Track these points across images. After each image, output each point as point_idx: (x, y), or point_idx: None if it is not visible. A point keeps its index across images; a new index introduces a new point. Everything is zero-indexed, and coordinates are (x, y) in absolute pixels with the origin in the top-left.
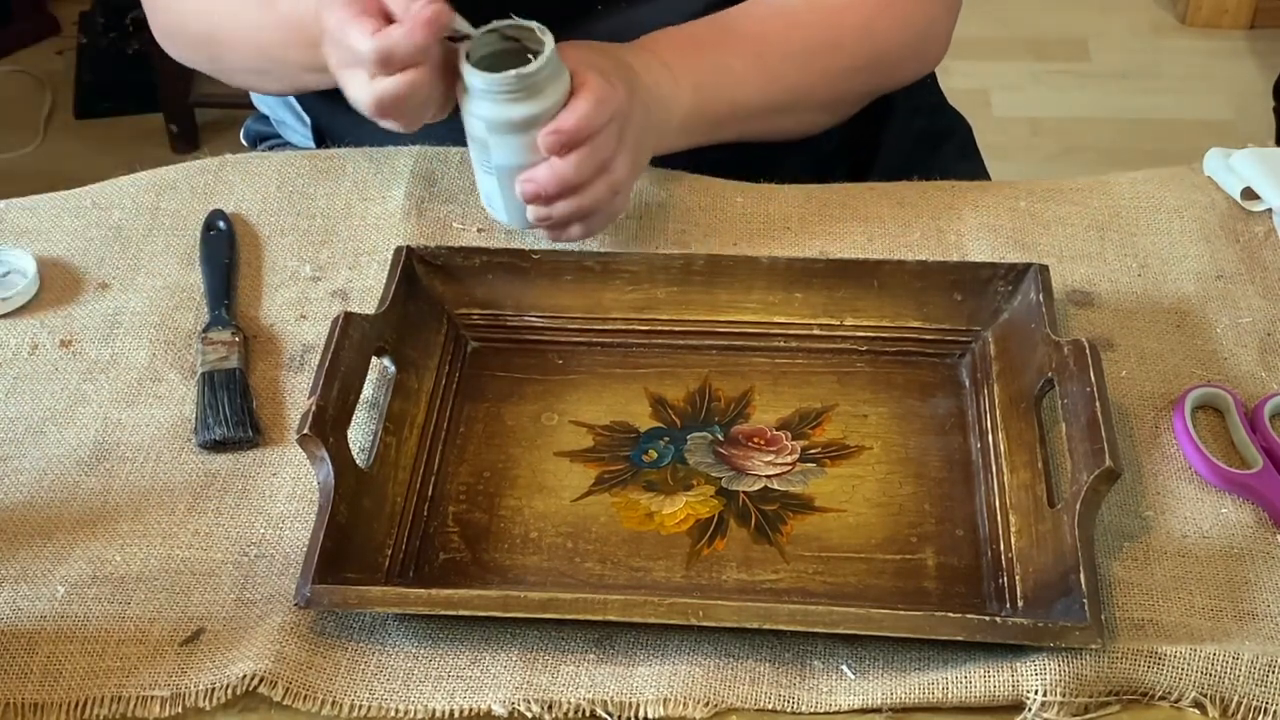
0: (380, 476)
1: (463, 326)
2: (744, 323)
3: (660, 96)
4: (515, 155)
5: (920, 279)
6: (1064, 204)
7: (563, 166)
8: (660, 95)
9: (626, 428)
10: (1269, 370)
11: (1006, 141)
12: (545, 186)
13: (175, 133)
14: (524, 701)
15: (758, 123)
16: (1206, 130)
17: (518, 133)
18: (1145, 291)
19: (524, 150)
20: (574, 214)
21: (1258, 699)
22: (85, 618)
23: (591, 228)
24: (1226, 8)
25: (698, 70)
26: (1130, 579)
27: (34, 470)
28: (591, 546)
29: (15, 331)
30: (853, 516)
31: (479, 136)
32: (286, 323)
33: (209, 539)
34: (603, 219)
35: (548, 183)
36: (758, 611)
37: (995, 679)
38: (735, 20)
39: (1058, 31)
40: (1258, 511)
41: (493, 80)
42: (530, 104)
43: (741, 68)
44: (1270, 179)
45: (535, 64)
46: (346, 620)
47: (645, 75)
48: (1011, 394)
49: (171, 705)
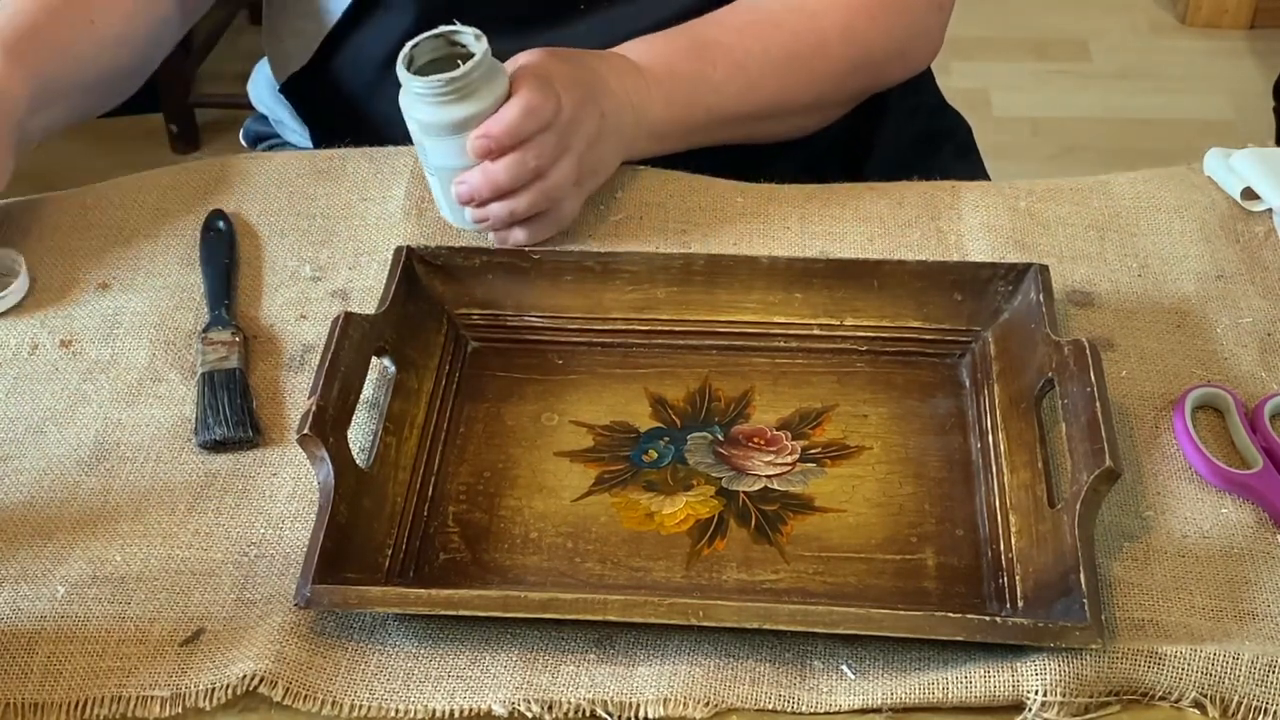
0: (380, 476)
1: (463, 326)
2: (744, 323)
3: (630, 104)
4: (450, 157)
5: (920, 279)
6: (1064, 204)
7: (494, 170)
8: (630, 102)
9: (626, 428)
10: (1269, 370)
11: (1006, 141)
12: (477, 190)
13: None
14: (524, 701)
15: (740, 128)
16: (1206, 130)
17: (451, 135)
18: (1145, 291)
19: (459, 152)
20: (510, 217)
21: (1258, 699)
22: (85, 618)
23: (535, 233)
24: (1226, 8)
25: (673, 78)
26: (1130, 579)
27: (34, 470)
28: (591, 546)
29: (15, 331)
30: (853, 516)
31: (416, 138)
32: (286, 323)
33: (209, 539)
34: (548, 223)
35: (480, 186)
36: (758, 611)
37: (995, 679)
38: (714, 27)
39: (1058, 31)
40: (1258, 511)
41: (423, 83)
42: (461, 107)
43: (720, 76)
44: (1270, 179)
45: (464, 68)
46: (346, 620)
47: (614, 81)
48: (1011, 394)
49: (171, 705)
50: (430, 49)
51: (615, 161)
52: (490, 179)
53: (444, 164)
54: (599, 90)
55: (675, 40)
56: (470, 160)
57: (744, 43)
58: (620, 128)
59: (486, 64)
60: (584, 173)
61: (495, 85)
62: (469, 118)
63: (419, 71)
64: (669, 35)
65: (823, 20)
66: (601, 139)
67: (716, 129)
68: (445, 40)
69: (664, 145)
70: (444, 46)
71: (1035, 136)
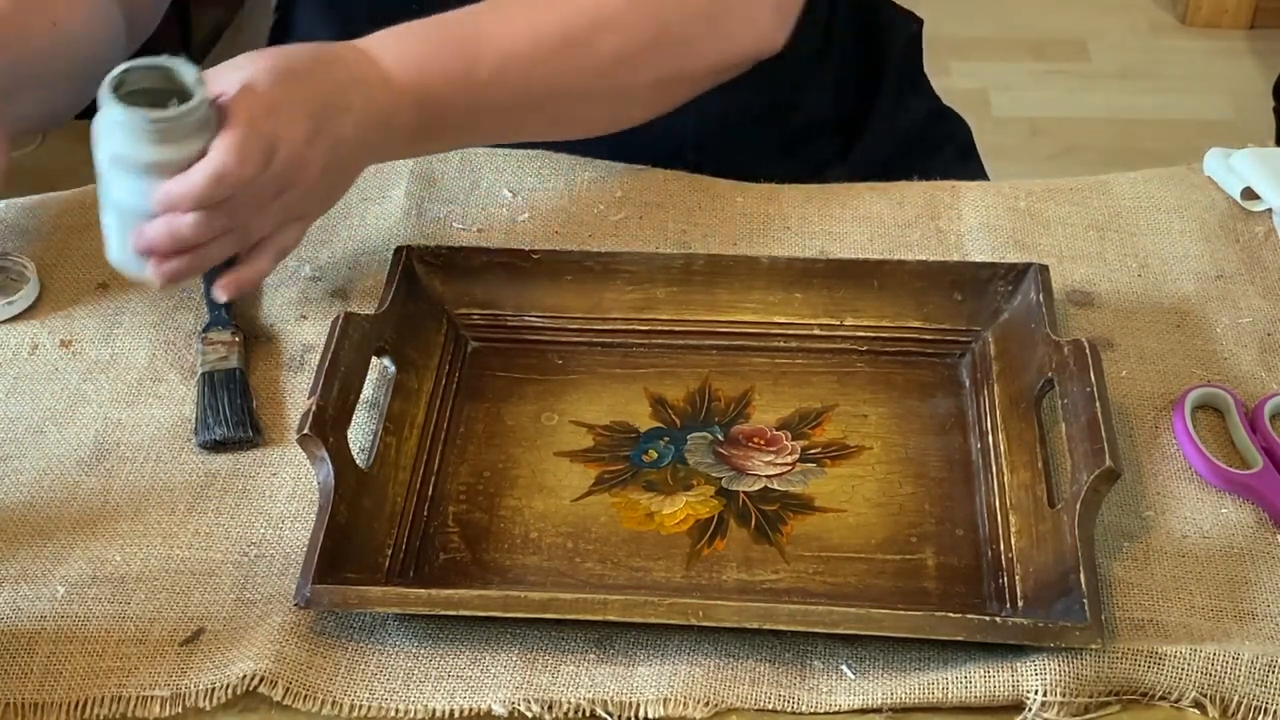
0: (380, 476)
1: (463, 326)
2: (744, 323)
3: (378, 114)
4: (133, 197)
5: (920, 279)
6: (1064, 204)
7: (179, 224)
8: (378, 113)
9: (626, 428)
10: (1269, 370)
11: (1006, 141)
12: (156, 244)
13: None
14: (524, 701)
15: (527, 119)
16: (1206, 130)
17: (140, 175)
18: (1145, 291)
19: (143, 195)
20: (199, 267)
21: (1258, 699)
22: (85, 618)
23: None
24: (1226, 8)
25: (425, 77)
26: (1130, 579)
27: (34, 470)
28: (591, 546)
29: (15, 331)
30: (853, 516)
31: (100, 167)
32: (286, 323)
33: (209, 539)
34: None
35: (160, 241)
36: (758, 611)
37: (995, 679)
38: (479, 15)
39: (1058, 31)
40: (1258, 511)
41: (124, 113)
42: (160, 149)
43: (485, 69)
44: (1270, 179)
45: (175, 111)
46: (346, 620)
47: (357, 93)
48: (1011, 394)
49: (171, 705)
50: (144, 78)
51: (355, 175)
52: (173, 233)
53: (125, 202)
54: (336, 110)
55: (433, 34)
56: (152, 205)
57: (511, 28)
58: (364, 142)
59: (202, 112)
60: (310, 205)
61: (202, 135)
62: (165, 163)
63: (126, 98)
64: (427, 27)
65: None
66: (337, 163)
67: (494, 122)
68: (163, 74)
69: (432, 144)
70: (160, 79)
71: (1035, 137)
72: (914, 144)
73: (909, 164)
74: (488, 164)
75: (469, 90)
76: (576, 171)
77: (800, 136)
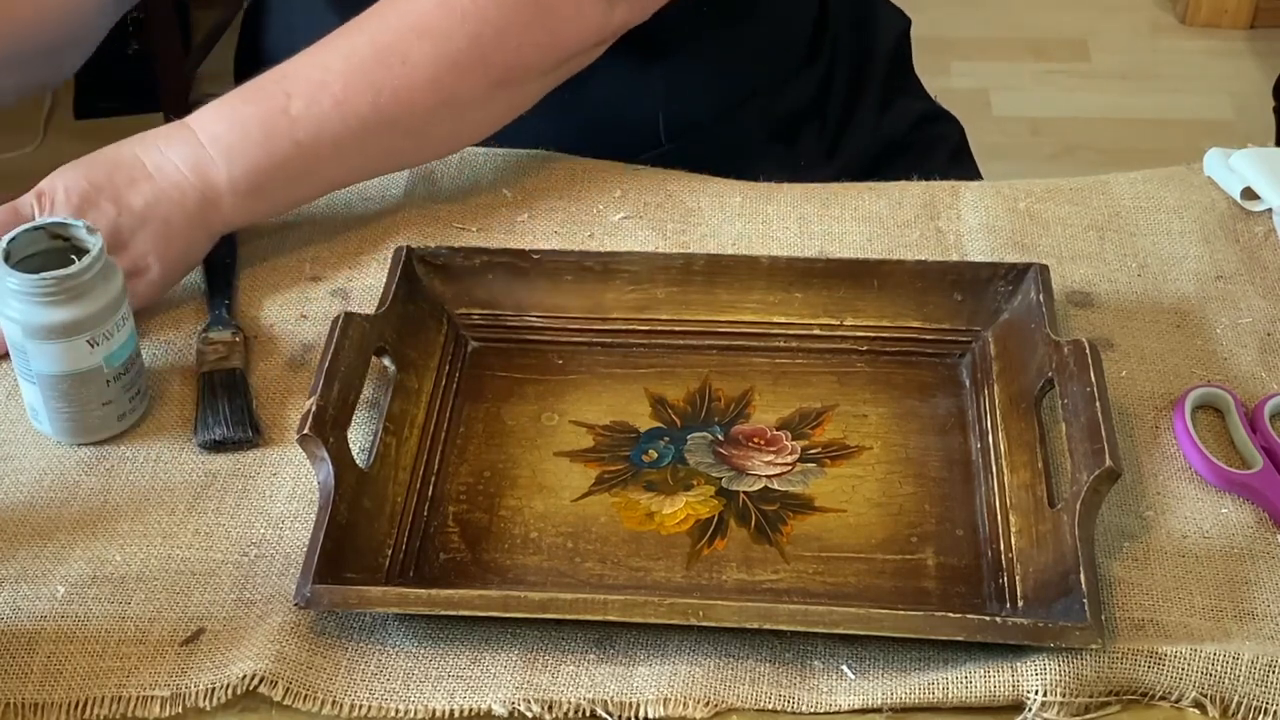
0: (380, 476)
1: (463, 326)
2: (744, 323)
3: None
4: (57, 363)
5: (920, 279)
6: (1064, 204)
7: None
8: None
9: (626, 428)
10: (1269, 370)
11: (1006, 141)
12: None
13: None
14: (524, 701)
15: (368, 145)
16: (1206, 130)
17: (60, 338)
18: (1145, 292)
19: (66, 357)
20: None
21: (1258, 699)
22: (85, 618)
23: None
24: (1226, 8)
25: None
26: (1130, 579)
27: (34, 470)
28: (592, 546)
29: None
30: (853, 516)
31: (16, 342)
32: (286, 323)
33: (209, 539)
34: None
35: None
36: (758, 611)
37: (995, 679)
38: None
39: (1058, 31)
40: (1258, 511)
41: (29, 281)
42: (73, 308)
43: (299, 104)
44: (1270, 179)
45: (79, 265)
46: (346, 620)
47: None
48: (1011, 394)
49: (171, 705)
50: (29, 241)
51: (190, 254)
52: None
53: (49, 370)
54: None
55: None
56: (77, 365)
57: (321, 58)
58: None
59: (105, 261)
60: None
61: (111, 282)
62: (82, 319)
63: (19, 267)
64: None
65: (412, 5)
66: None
67: (333, 158)
68: (46, 233)
69: (268, 199)
70: (45, 240)
71: (1035, 136)
72: (904, 145)
73: (899, 165)
74: (488, 164)
75: (286, 126)
76: (576, 171)
77: (784, 128)
